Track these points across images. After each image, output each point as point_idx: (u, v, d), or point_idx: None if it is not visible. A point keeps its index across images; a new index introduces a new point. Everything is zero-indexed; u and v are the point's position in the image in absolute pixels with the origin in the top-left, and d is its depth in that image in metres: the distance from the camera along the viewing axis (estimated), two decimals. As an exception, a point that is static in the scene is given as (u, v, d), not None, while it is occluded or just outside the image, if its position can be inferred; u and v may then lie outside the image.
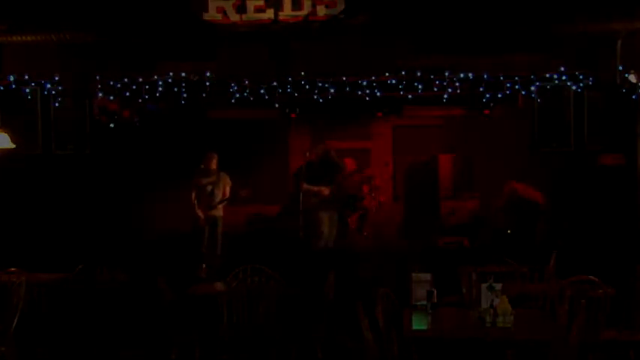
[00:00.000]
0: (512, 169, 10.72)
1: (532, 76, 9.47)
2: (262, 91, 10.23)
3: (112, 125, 10.55)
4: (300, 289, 6.71)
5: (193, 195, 10.27)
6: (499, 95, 10.16)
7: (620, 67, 8.92)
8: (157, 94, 10.27)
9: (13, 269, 6.39)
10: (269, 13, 7.91)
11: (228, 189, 10.47)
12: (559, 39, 9.18)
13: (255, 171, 12.64)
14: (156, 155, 11.71)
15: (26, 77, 9.49)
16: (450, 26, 8.35)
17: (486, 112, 11.03)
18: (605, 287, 5.63)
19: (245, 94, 10.29)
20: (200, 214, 10.25)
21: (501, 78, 9.71)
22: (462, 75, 9.65)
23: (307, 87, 10.13)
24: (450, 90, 9.97)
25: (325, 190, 10.26)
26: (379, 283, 5.72)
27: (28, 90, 9.44)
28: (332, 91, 10.19)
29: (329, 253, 9.89)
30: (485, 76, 9.70)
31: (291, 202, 10.70)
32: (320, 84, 10.08)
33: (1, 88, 9.41)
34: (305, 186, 10.17)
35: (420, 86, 10.00)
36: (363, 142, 14.22)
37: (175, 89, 10.23)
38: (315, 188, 10.21)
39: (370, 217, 12.73)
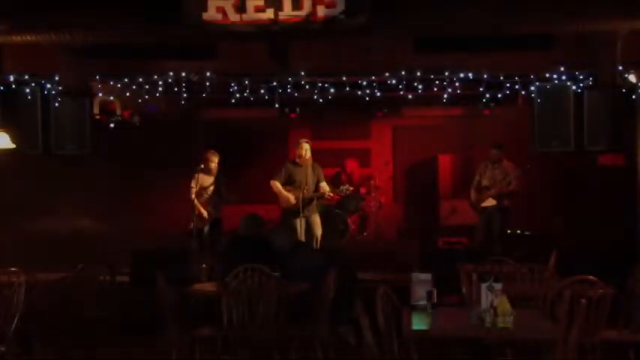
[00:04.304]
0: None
1: (532, 76, 9.46)
2: (262, 90, 10.23)
3: (112, 125, 10.55)
4: (301, 289, 6.70)
5: (194, 194, 10.06)
6: (499, 95, 10.16)
7: (620, 67, 8.90)
8: (157, 94, 10.28)
9: (13, 269, 6.37)
10: (269, 13, 7.88)
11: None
12: (559, 39, 9.16)
13: (255, 171, 12.62)
14: (155, 155, 11.71)
15: (26, 77, 9.47)
16: (449, 25, 8.35)
17: (486, 112, 11.01)
18: (605, 287, 5.62)
19: (245, 93, 10.30)
20: (203, 213, 10.17)
21: (501, 78, 9.70)
22: (461, 75, 9.65)
23: (307, 87, 10.13)
24: (449, 90, 9.97)
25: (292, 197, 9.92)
26: (379, 284, 5.71)
27: (28, 90, 9.42)
28: (332, 91, 10.19)
29: (329, 254, 9.87)
30: (485, 76, 9.69)
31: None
32: (320, 84, 10.09)
33: (1, 88, 9.40)
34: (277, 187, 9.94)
35: (420, 86, 10.00)
36: (363, 142, 14.20)
37: (175, 89, 10.24)
38: (284, 193, 9.89)
39: (370, 218, 12.72)
